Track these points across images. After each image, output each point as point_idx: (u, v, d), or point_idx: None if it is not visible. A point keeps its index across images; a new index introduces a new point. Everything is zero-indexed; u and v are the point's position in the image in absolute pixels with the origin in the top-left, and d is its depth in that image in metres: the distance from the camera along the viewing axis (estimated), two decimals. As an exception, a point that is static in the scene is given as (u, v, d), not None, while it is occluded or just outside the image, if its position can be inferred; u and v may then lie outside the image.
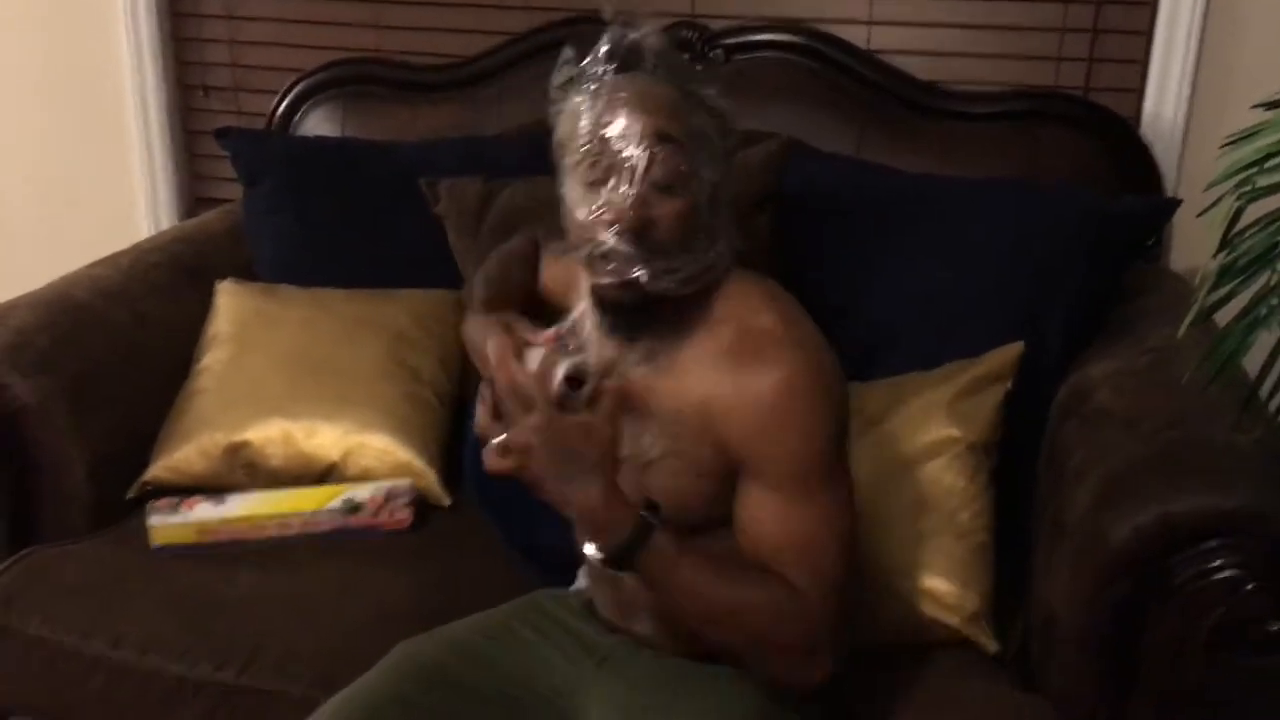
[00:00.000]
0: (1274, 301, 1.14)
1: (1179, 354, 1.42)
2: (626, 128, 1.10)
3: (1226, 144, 1.22)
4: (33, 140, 2.43)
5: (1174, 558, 1.21)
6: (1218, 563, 1.19)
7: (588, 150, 1.12)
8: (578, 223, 1.14)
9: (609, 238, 1.10)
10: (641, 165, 1.09)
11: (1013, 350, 1.58)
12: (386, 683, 1.22)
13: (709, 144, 1.14)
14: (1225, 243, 1.20)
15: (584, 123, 1.12)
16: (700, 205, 1.13)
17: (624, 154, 1.10)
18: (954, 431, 1.52)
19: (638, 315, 1.15)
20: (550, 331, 1.13)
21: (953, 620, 1.44)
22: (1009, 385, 1.56)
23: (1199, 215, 1.23)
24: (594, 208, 1.11)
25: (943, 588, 1.44)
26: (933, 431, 1.52)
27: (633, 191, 1.10)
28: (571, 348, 1.10)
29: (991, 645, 1.44)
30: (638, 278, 1.11)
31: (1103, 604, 1.25)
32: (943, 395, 1.55)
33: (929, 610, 1.44)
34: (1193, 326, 1.18)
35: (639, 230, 1.10)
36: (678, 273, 1.12)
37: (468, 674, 1.24)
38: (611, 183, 1.10)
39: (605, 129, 1.10)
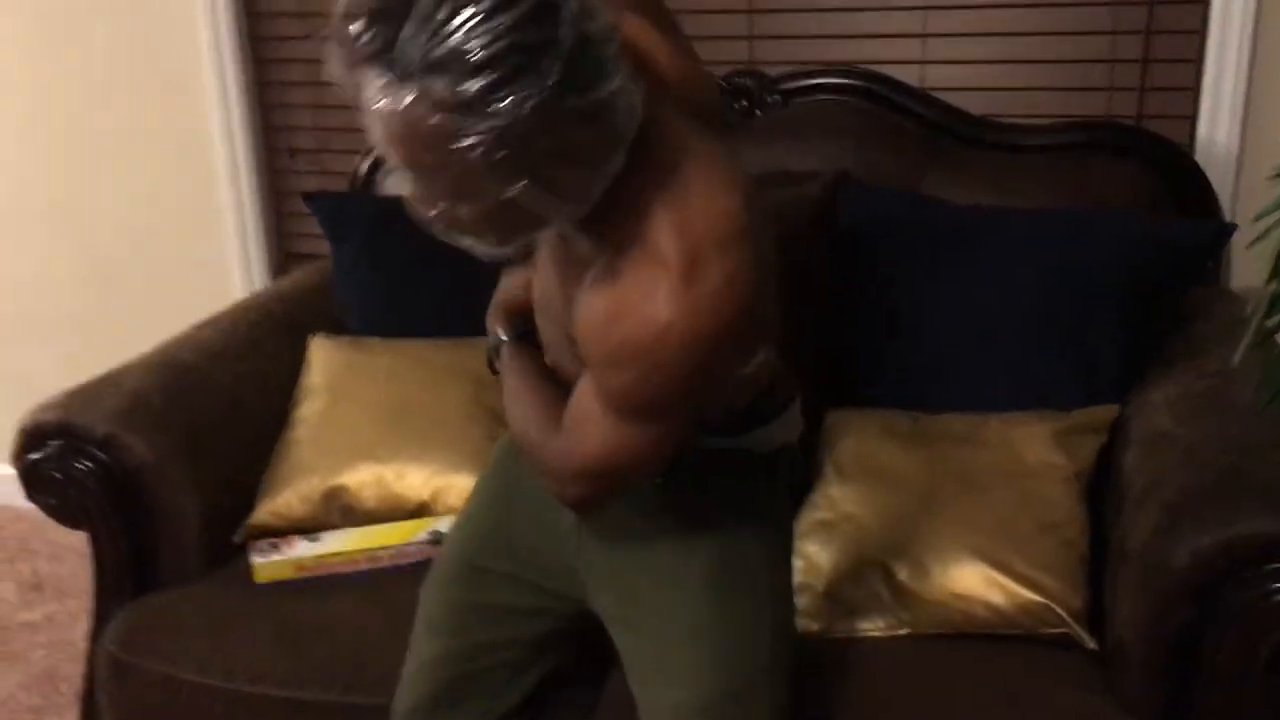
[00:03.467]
0: (1324, 327, 1.18)
1: (1237, 378, 1.45)
2: (380, 142, 0.94)
3: (1275, 175, 1.26)
4: (136, 203, 2.59)
5: (1234, 581, 1.25)
6: (1277, 585, 1.23)
7: (378, 149, 0.97)
8: None
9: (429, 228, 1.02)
10: (415, 182, 0.98)
11: (1109, 411, 1.67)
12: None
13: (499, 149, 0.90)
14: (1276, 271, 1.24)
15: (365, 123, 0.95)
16: (510, 200, 0.95)
17: (391, 164, 0.98)
18: (1060, 459, 1.60)
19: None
20: None
21: (1061, 611, 1.49)
22: (1104, 439, 1.64)
23: (1249, 246, 1.26)
24: None
25: (1051, 583, 1.50)
26: (1041, 455, 1.62)
27: (413, 193, 1.00)
28: None
29: (1089, 642, 1.48)
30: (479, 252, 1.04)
31: (1166, 629, 1.30)
32: (1047, 429, 1.65)
33: (1039, 598, 1.49)
34: (1251, 350, 1.22)
35: (444, 223, 1.00)
36: (511, 246, 1.03)
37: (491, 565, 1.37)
38: (405, 183, 1.00)
39: (375, 138, 0.95)
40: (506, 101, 0.88)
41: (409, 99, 0.88)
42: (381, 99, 0.89)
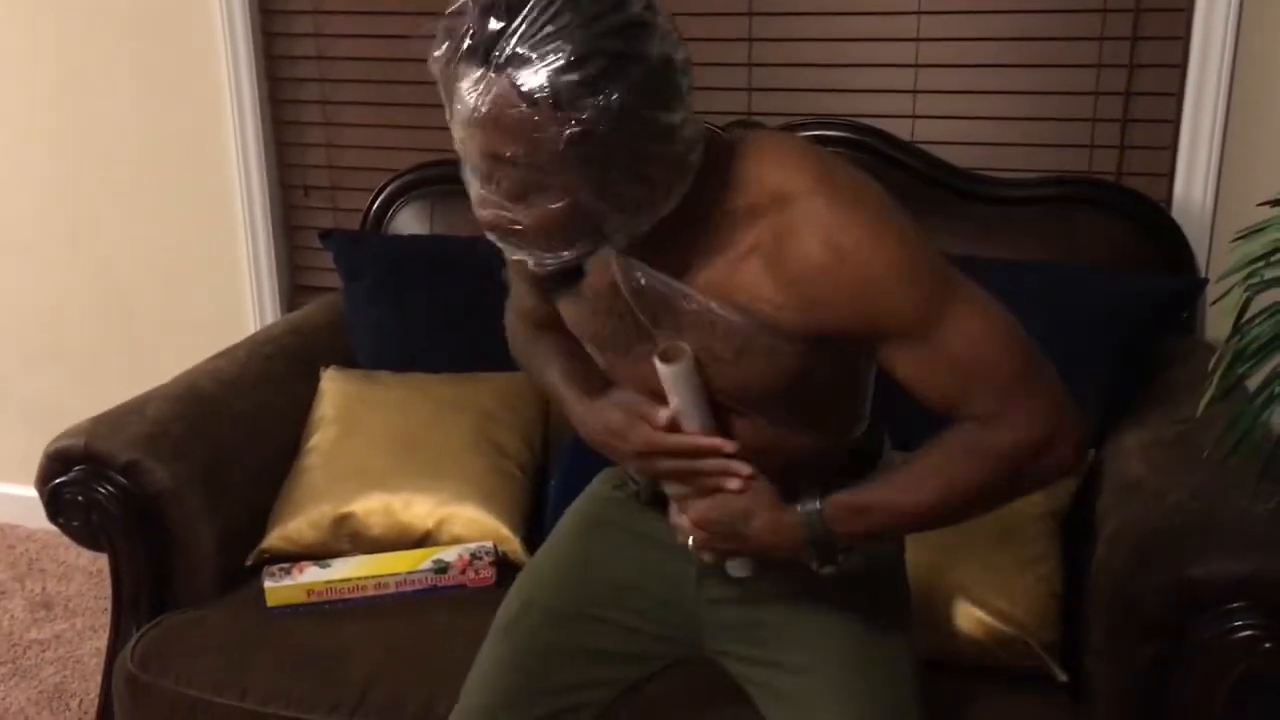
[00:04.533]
0: (1285, 382, 1.25)
1: (1206, 426, 1.53)
2: (465, 140, 1.00)
3: (1237, 238, 1.35)
4: (154, 237, 2.67)
5: (1198, 619, 1.33)
6: (1238, 623, 1.31)
7: (458, 144, 1.03)
8: None
9: (486, 232, 1.06)
10: (484, 178, 1.02)
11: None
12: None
13: (578, 149, 0.96)
14: (1237, 329, 1.32)
15: (450, 116, 1.01)
16: (572, 204, 1.00)
17: (471, 163, 1.02)
18: (1038, 499, 1.67)
19: (635, 248, 1.08)
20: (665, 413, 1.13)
21: (1034, 644, 1.56)
22: (1080, 480, 1.71)
23: (1213, 303, 1.35)
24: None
25: (1025, 618, 1.58)
26: None
27: (481, 195, 1.03)
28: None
29: (1061, 675, 1.55)
30: (525, 260, 1.07)
31: (1134, 664, 1.37)
32: None
33: (1014, 631, 1.56)
34: (1214, 404, 1.30)
35: (503, 230, 1.04)
36: (562, 258, 1.05)
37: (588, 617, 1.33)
38: (474, 183, 1.04)
39: (457, 133, 1.01)
40: (592, 99, 0.94)
41: (500, 88, 0.94)
42: (475, 89, 0.95)
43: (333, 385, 2.08)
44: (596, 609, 1.34)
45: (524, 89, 0.94)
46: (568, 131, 0.94)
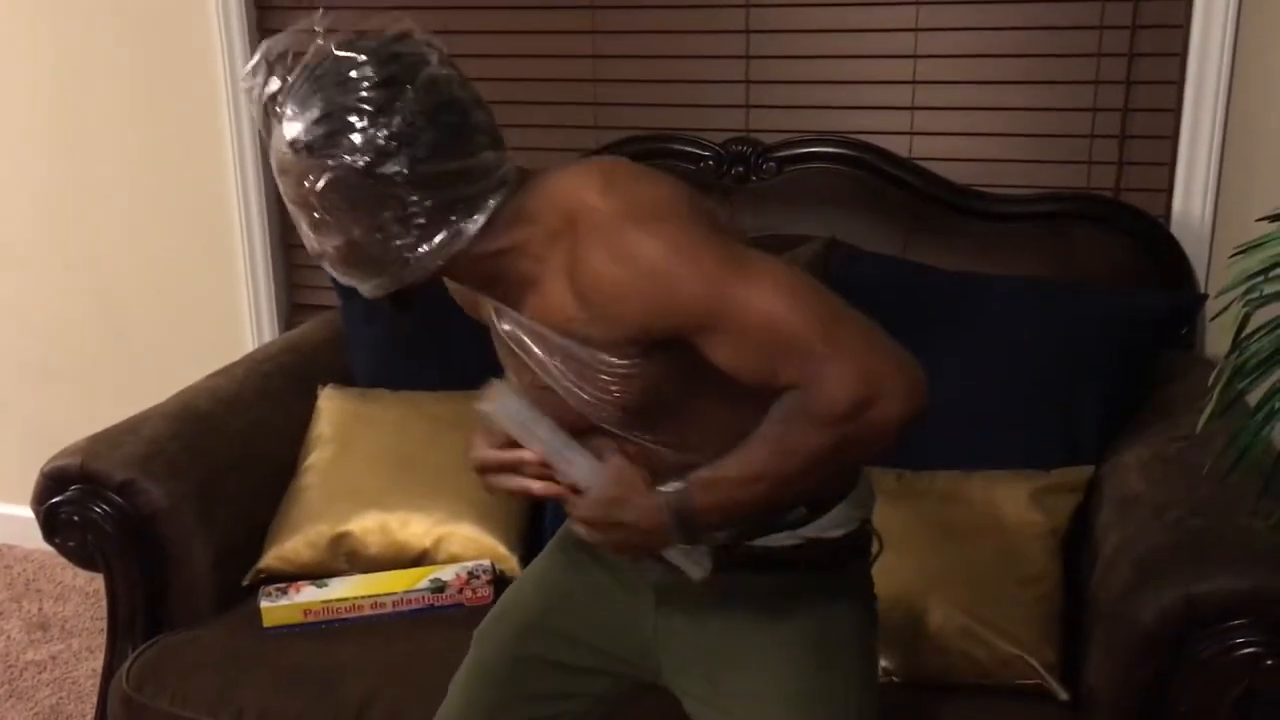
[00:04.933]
0: (1286, 397, 1.24)
1: (1206, 442, 1.52)
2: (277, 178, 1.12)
3: (1236, 254, 1.35)
4: (152, 255, 2.67)
5: (1198, 636, 1.32)
6: (1239, 640, 1.30)
7: None
8: None
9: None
10: (295, 215, 1.12)
11: (1085, 471, 1.74)
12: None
13: (334, 192, 1.06)
14: (1236, 344, 1.32)
15: None
16: (349, 241, 1.10)
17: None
18: (1038, 517, 1.67)
19: (464, 280, 1.18)
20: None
21: (1034, 663, 1.55)
22: (1080, 498, 1.71)
23: (1213, 319, 1.35)
24: None
25: (1026, 636, 1.57)
26: (1020, 512, 1.69)
27: (303, 232, 1.13)
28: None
29: (1062, 693, 1.54)
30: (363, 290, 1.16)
31: (1134, 681, 1.36)
32: (1026, 488, 1.72)
33: (1014, 650, 1.56)
34: (1214, 419, 1.29)
35: (322, 260, 1.15)
36: (374, 285, 1.14)
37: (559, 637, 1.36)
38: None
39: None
40: (339, 149, 1.05)
41: (276, 137, 1.08)
42: (272, 138, 1.09)
43: (330, 404, 2.07)
44: (558, 623, 1.37)
45: (288, 138, 1.07)
46: (322, 176, 1.06)
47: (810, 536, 1.23)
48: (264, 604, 1.79)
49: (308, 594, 1.82)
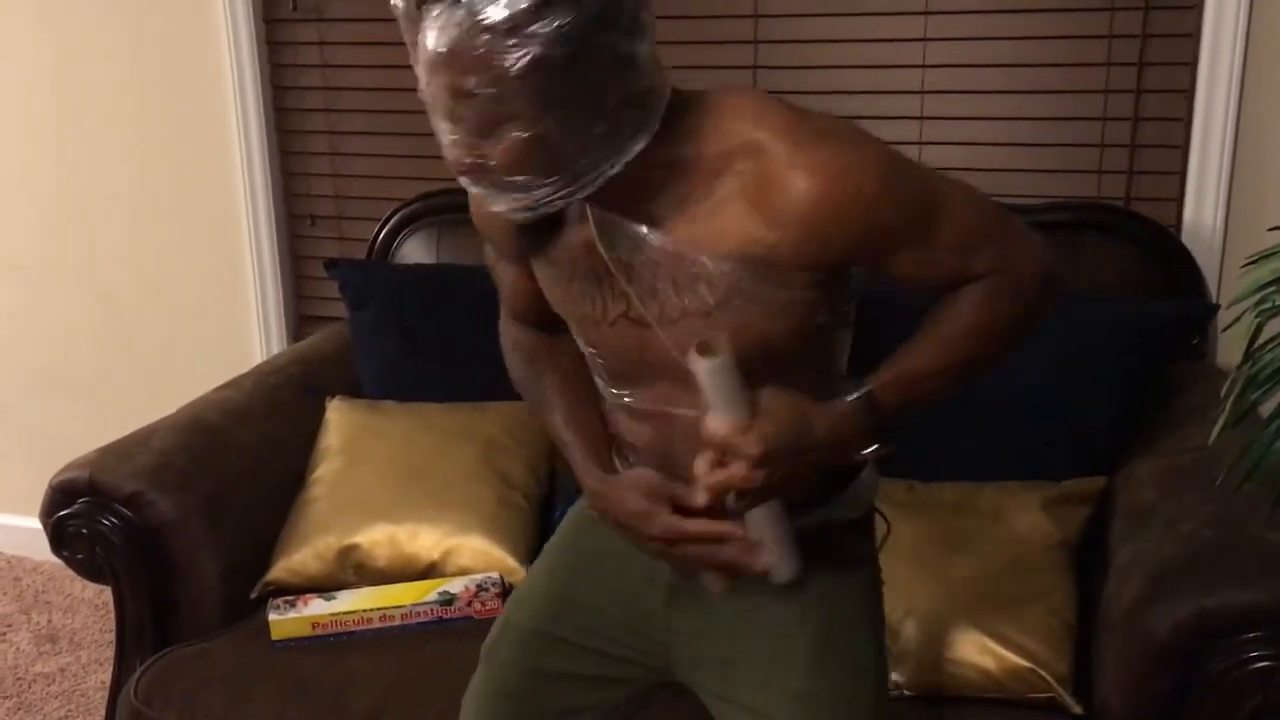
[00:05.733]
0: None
1: (1219, 453, 1.51)
2: (430, 82, 1.03)
3: (1247, 263, 1.34)
4: (160, 265, 2.68)
5: (1212, 650, 1.31)
6: (1254, 654, 1.29)
7: (423, 90, 1.06)
8: None
9: (460, 179, 1.09)
10: (451, 117, 1.04)
11: (1097, 482, 1.73)
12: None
13: (535, 74, 0.98)
14: (1249, 355, 1.31)
15: (415, 62, 1.05)
16: (535, 136, 1.02)
17: (436, 105, 1.04)
18: (1049, 528, 1.66)
19: (597, 199, 1.09)
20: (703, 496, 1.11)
21: (1047, 676, 1.54)
22: (1092, 509, 1.70)
23: (1224, 329, 1.33)
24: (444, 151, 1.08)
25: (1038, 649, 1.56)
26: (1031, 524, 1.68)
27: (452, 139, 1.05)
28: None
29: (1075, 707, 1.53)
30: (503, 209, 1.09)
31: (1148, 695, 1.35)
32: (1038, 499, 1.71)
33: (1027, 663, 1.55)
34: (1226, 431, 1.28)
35: (476, 172, 1.06)
36: (536, 200, 1.07)
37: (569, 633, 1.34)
38: (441, 128, 1.06)
39: (422, 77, 1.04)
40: (544, 25, 0.97)
41: (457, 20, 0.98)
42: (434, 26, 0.99)
43: (338, 415, 2.07)
44: (562, 631, 1.35)
45: (478, 19, 0.97)
46: (523, 58, 0.97)
47: (823, 520, 1.22)
48: (272, 617, 1.79)
49: (316, 607, 1.81)
